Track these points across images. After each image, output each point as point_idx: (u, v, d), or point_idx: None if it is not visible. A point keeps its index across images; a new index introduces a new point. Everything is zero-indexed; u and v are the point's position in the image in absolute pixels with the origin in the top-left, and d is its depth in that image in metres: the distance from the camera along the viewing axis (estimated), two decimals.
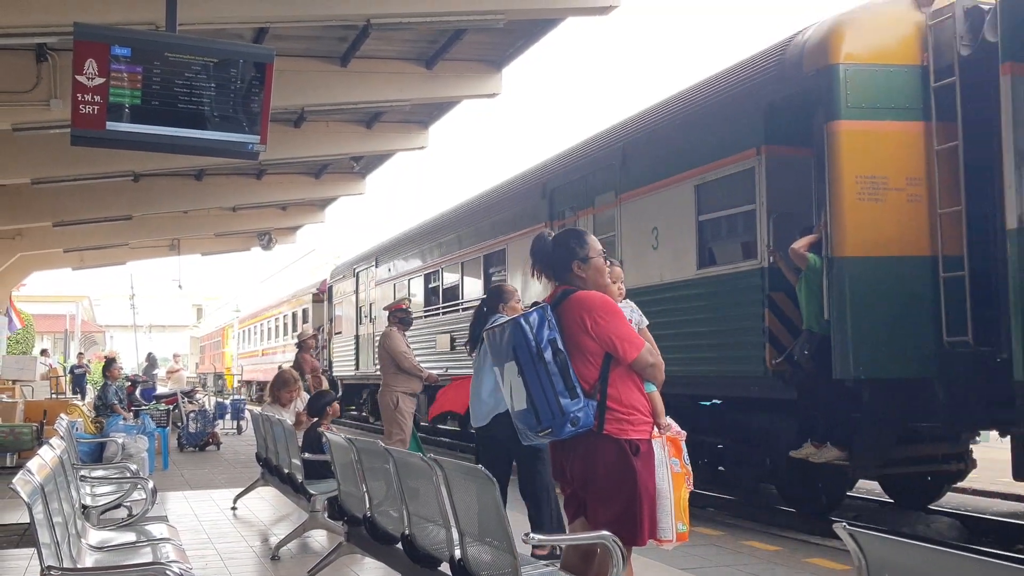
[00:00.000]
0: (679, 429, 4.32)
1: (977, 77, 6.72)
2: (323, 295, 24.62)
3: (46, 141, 12.35)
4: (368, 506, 5.02)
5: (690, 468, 4.34)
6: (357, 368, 19.88)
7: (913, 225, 7.04)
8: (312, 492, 6.77)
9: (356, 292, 20.26)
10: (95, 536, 4.69)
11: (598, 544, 3.83)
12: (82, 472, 6.61)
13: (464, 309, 13.96)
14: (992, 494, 10.39)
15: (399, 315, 10.37)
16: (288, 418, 8.12)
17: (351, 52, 11.29)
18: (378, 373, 10.64)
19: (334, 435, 5.89)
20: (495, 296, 6.39)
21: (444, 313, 13.51)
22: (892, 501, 9.53)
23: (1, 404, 13.81)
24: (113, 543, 4.58)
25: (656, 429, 4.13)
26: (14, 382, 17.33)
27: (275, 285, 45.72)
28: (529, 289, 11.45)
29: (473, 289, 13.91)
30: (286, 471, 7.34)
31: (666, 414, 4.27)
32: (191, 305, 75.39)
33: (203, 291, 71.58)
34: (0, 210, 16.96)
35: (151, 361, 26.70)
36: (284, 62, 10.03)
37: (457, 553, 3.80)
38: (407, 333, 10.24)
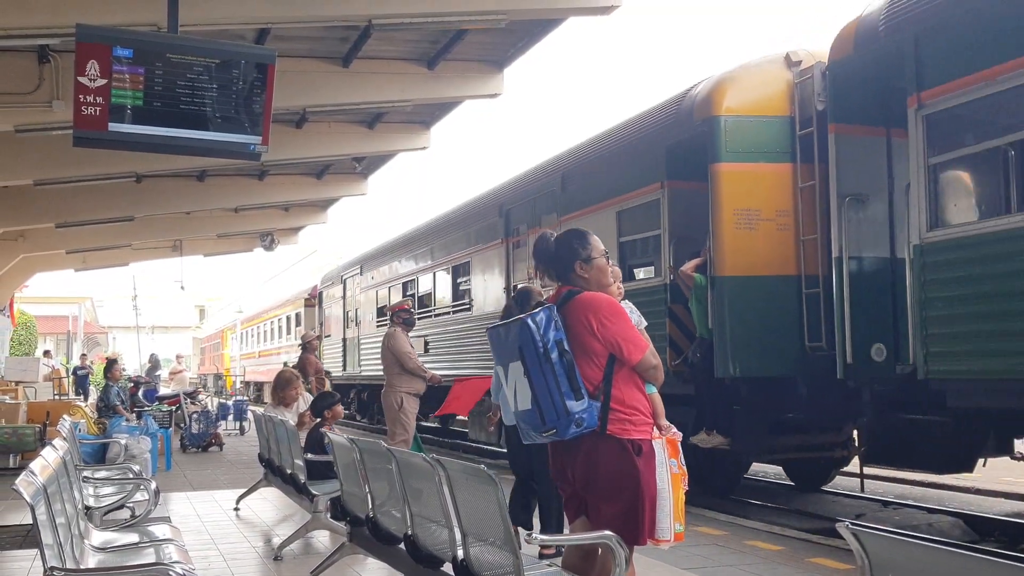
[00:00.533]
0: (676, 431, 4.34)
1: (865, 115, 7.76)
2: (315, 300, 25.83)
3: (48, 142, 12.35)
4: (371, 506, 5.03)
5: (685, 469, 4.35)
6: (344, 369, 20.72)
7: (781, 250, 8.33)
8: (315, 493, 6.77)
9: (343, 297, 21.53)
10: (98, 537, 4.69)
11: (600, 544, 3.85)
12: (85, 473, 6.62)
13: (436, 315, 15.24)
14: (996, 493, 10.38)
15: (402, 315, 10.32)
16: (291, 419, 8.12)
17: (353, 53, 11.29)
18: (364, 374, 10.81)
19: (337, 436, 5.89)
20: (524, 297, 6.41)
21: (419, 319, 13.90)
22: (793, 484, 10.98)
23: (4, 405, 13.84)
24: (116, 544, 4.58)
25: (656, 430, 4.14)
26: (17, 383, 17.36)
27: (275, 287, 46.22)
28: (488, 295, 13.11)
29: (444, 296, 15.13)
30: (289, 472, 7.34)
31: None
32: (194, 306, 75.44)
33: (206, 292, 71.59)
34: (3, 211, 16.98)
35: (154, 362, 26.71)
36: (286, 63, 10.03)
37: (460, 553, 3.80)
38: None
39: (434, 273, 15.64)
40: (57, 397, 19.51)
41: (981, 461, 7.62)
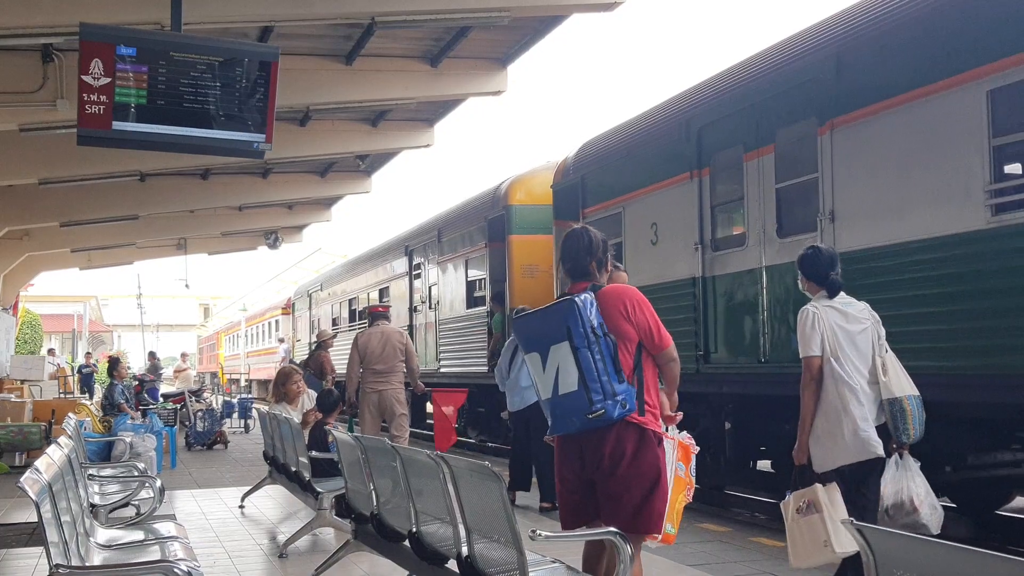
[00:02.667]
0: (695, 444, 4.47)
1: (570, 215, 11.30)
2: (289, 309, 31.61)
3: (53, 141, 12.37)
4: (375, 504, 5.03)
5: (694, 480, 4.49)
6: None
7: (549, 292, 11.55)
8: (319, 490, 6.78)
9: (309, 308, 26.88)
10: (103, 534, 4.70)
11: (605, 540, 3.87)
12: (90, 471, 6.63)
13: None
14: None
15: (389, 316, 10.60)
16: (296, 416, 8.13)
17: (356, 50, 11.28)
18: None
19: (341, 433, 5.89)
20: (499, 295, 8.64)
21: (360, 328, 16.19)
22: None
23: (10, 404, 13.87)
24: (121, 541, 4.59)
25: (667, 428, 4.26)
26: (22, 382, 17.40)
27: (262, 296, 48.69)
28: (401, 311, 17.28)
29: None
30: (293, 469, 7.35)
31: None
32: (198, 304, 75.53)
33: (210, 290, 71.71)
34: (8, 210, 17.00)
35: (154, 361, 26.71)
36: (289, 61, 10.03)
37: (464, 550, 3.79)
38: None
39: (368, 293, 20.31)
40: (63, 395, 19.56)
41: None
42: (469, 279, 14.44)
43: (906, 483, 4.83)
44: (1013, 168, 6.18)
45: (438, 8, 9.62)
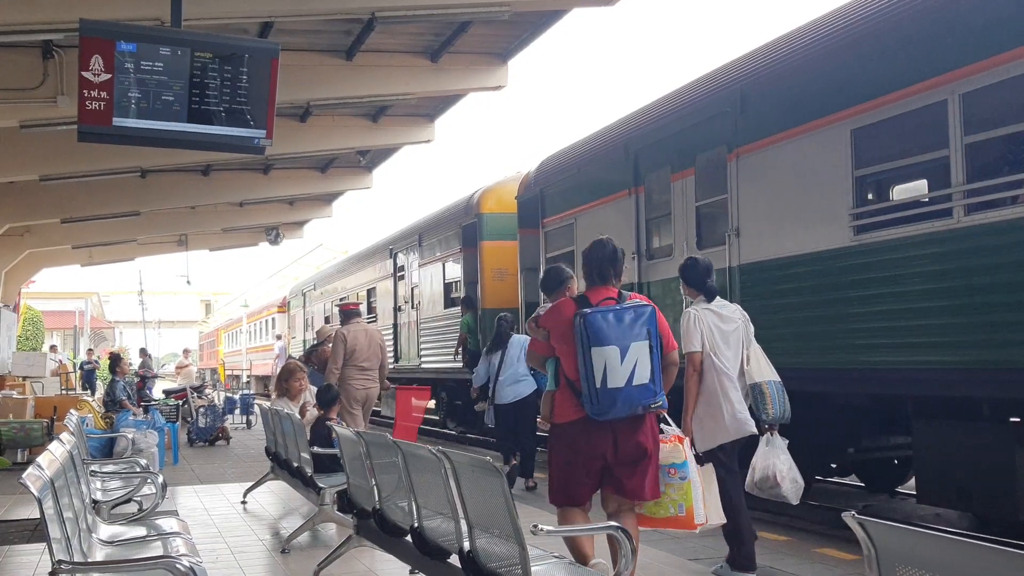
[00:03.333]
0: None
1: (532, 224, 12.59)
2: (285, 307, 32.80)
3: (53, 138, 12.38)
4: (377, 499, 5.03)
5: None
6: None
7: (514, 292, 13.30)
8: (322, 486, 6.79)
9: (303, 307, 28.34)
10: (105, 531, 4.71)
11: (607, 534, 3.90)
12: (92, 467, 6.64)
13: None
14: None
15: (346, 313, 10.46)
16: (297, 411, 8.13)
17: (356, 46, 11.28)
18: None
19: (343, 429, 5.90)
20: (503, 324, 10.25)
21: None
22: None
23: (12, 400, 13.88)
24: (124, 537, 4.59)
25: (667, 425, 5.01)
26: (24, 379, 17.41)
27: (278, 282, 48.91)
28: (387, 309, 18.70)
29: (363, 309, 19.61)
30: (296, 465, 7.36)
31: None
32: (200, 301, 75.59)
33: (212, 286, 71.75)
34: (8, 207, 17.01)
35: (144, 358, 26.51)
36: (289, 56, 10.03)
37: (466, 545, 3.80)
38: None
39: (357, 293, 21.29)
40: (64, 392, 19.58)
41: None
42: (447, 281, 15.51)
43: (772, 460, 5.64)
44: (871, 196, 7.42)
45: (438, 3, 9.61)
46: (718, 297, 5.93)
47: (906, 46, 6.56)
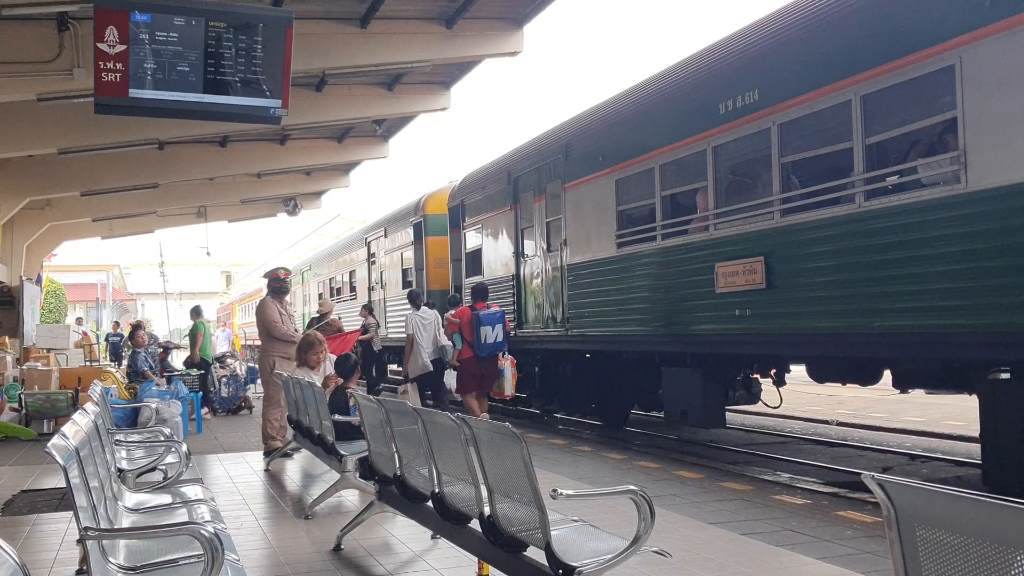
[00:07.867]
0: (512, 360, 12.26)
1: (457, 226, 16.38)
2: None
3: (71, 110, 12.41)
4: (398, 466, 5.07)
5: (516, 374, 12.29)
6: None
7: (448, 277, 16.72)
8: (343, 453, 6.84)
9: (301, 284, 31.13)
10: (131, 498, 4.77)
11: (625, 496, 3.91)
12: (117, 437, 6.72)
13: (341, 300, 23.81)
14: None
15: (273, 284, 10.45)
16: (317, 380, 8.18)
17: (371, 13, 11.21)
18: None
19: (363, 397, 5.93)
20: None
21: (336, 303, 22.48)
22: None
23: (37, 372, 14.05)
24: (149, 505, 4.65)
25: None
26: (48, 351, 17.61)
27: (296, 253, 49.70)
28: (361, 291, 21.89)
29: (346, 291, 24.23)
30: (317, 433, 7.41)
31: None
32: (220, 272, 75.94)
33: (232, 258, 72.02)
34: (29, 180, 17.12)
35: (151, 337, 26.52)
36: (303, 25, 9.97)
37: (487, 510, 3.83)
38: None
39: (340, 275, 24.94)
40: (88, 363, 19.79)
41: None
42: (403, 267, 18.82)
43: (451, 380, 12.46)
44: (626, 223, 10.67)
45: None
46: (423, 306, 12.81)
47: (651, 119, 10.20)
